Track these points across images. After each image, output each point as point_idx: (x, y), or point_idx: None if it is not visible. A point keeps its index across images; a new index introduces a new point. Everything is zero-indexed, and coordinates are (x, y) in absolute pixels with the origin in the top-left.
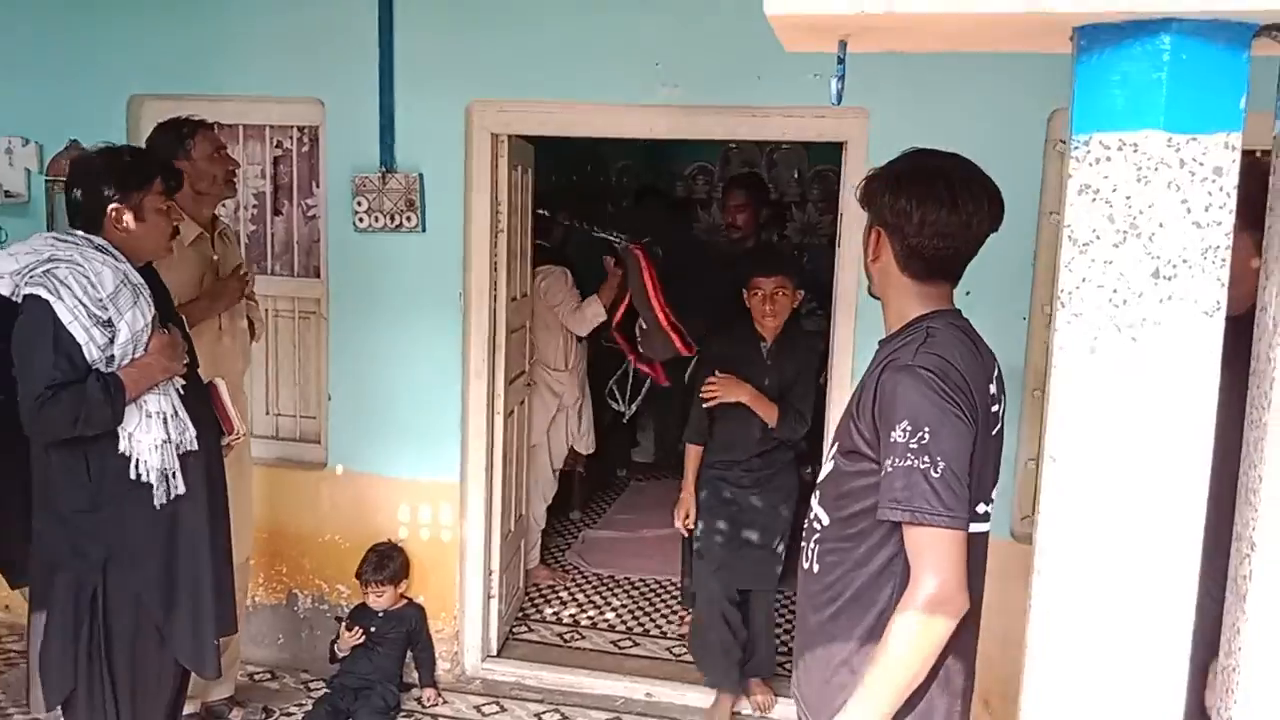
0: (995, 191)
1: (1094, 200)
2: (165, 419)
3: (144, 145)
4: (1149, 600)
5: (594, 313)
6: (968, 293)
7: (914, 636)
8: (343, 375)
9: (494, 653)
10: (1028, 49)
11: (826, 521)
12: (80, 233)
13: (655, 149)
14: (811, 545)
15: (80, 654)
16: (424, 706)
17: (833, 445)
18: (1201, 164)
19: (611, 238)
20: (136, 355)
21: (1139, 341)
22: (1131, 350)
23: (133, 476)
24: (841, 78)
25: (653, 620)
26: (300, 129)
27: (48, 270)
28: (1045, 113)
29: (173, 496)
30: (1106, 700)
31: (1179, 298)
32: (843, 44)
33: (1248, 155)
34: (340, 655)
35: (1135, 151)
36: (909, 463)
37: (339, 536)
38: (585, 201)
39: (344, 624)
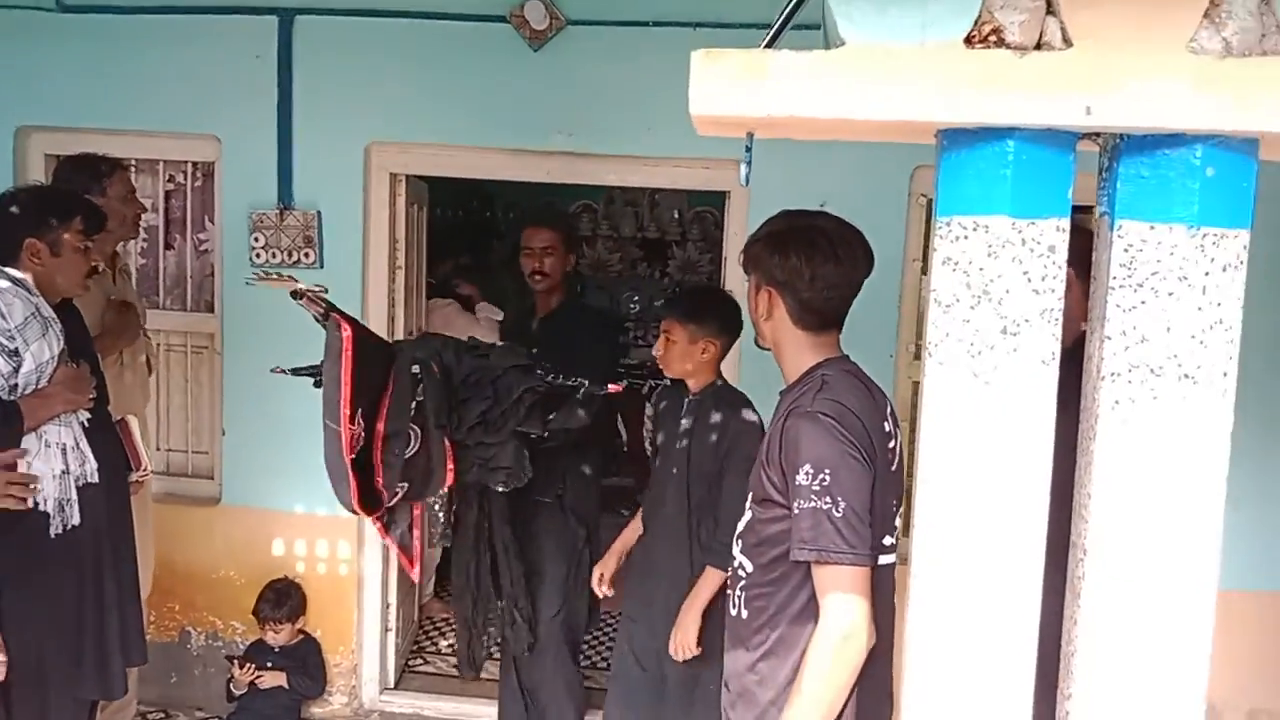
0: (866, 241)
1: (954, 270)
2: (65, 449)
3: (53, 178)
4: (1003, 597)
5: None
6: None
7: (825, 671)
8: (237, 410)
9: (391, 685)
10: (902, 140)
11: (750, 569)
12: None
13: (543, 187)
14: (738, 592)
15: None
16: None
17: (748, 494)
18: (1039, 242)
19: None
20: (40, 385)
21: (991, 384)
22: (985, 391)
23: (31, 505)
24: (749, 163)
25: None
26: (195, 164)
27: None
28: (909, 168)
29: (69, 526)
30: (973, 687)
31: (1023, 350)
32: (750, 135)
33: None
34: (237, 694)
35: (987, 232)
36: (813, 504)
37: (233, 573)
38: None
39: (238, 661)
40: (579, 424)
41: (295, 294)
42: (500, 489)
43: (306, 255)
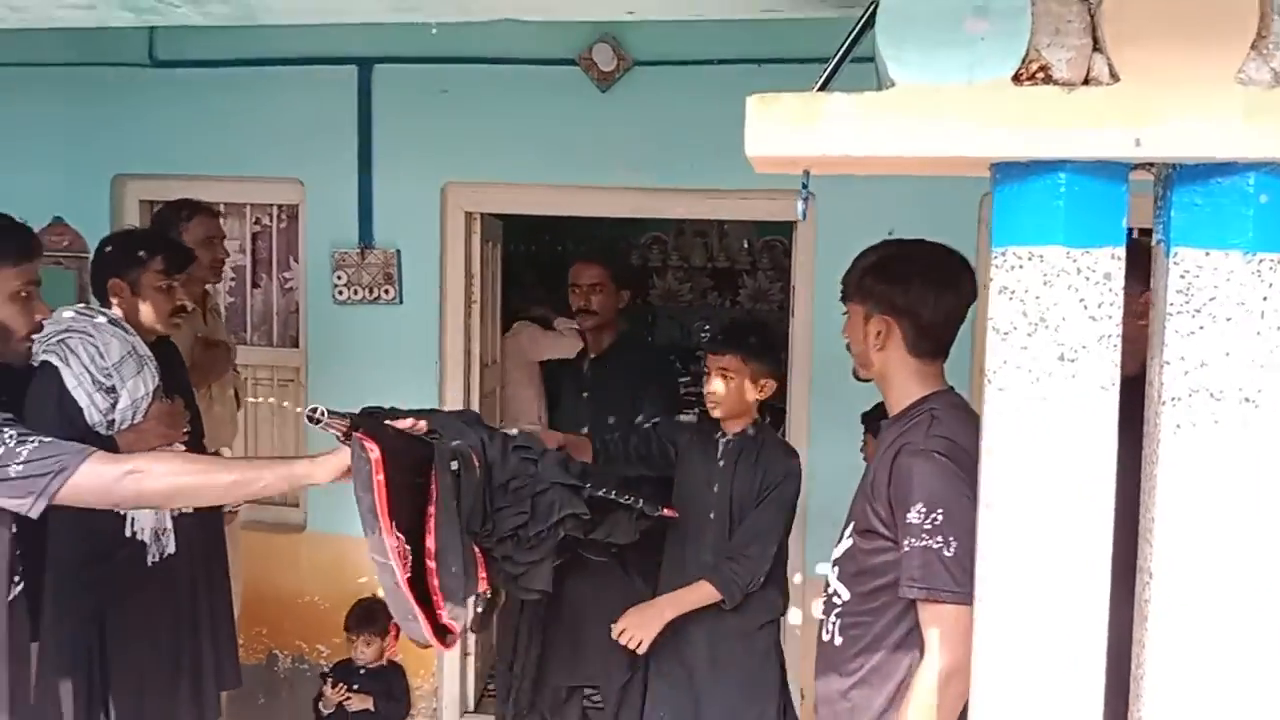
0: (971, 268)
1: (1011, 298)
2: None
3: (149, 222)
4: (1070, 621)
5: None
6: None
7: (929, 709)
8: (321, 440)
9: (471, 708)
10: (956, 174)
11: (847, 596)
12: (98, 306)
13: (613, 221)
14: (832, 619)
15: (80, 711)
16: None
17: (848, 524)
18: (1094, 270)
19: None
20: (135, 421)
21: (1051, 410)
22: (1045, 417)
23: (127, 534)
24: (806, 199)
25: None
26: (280, 207)
27: (62, 339)
28: (977, 196)
29: (164, 555)
30: (1040, 712)
31: (1081, 376)
32: (806, 172)
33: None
34: (325, 714)
35: (1042, 261)
36: (924, 543)
37: (319, 597)
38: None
39: (329, 680)
40: (627, 539)
41: (312, 418)
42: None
43: (387, 291)
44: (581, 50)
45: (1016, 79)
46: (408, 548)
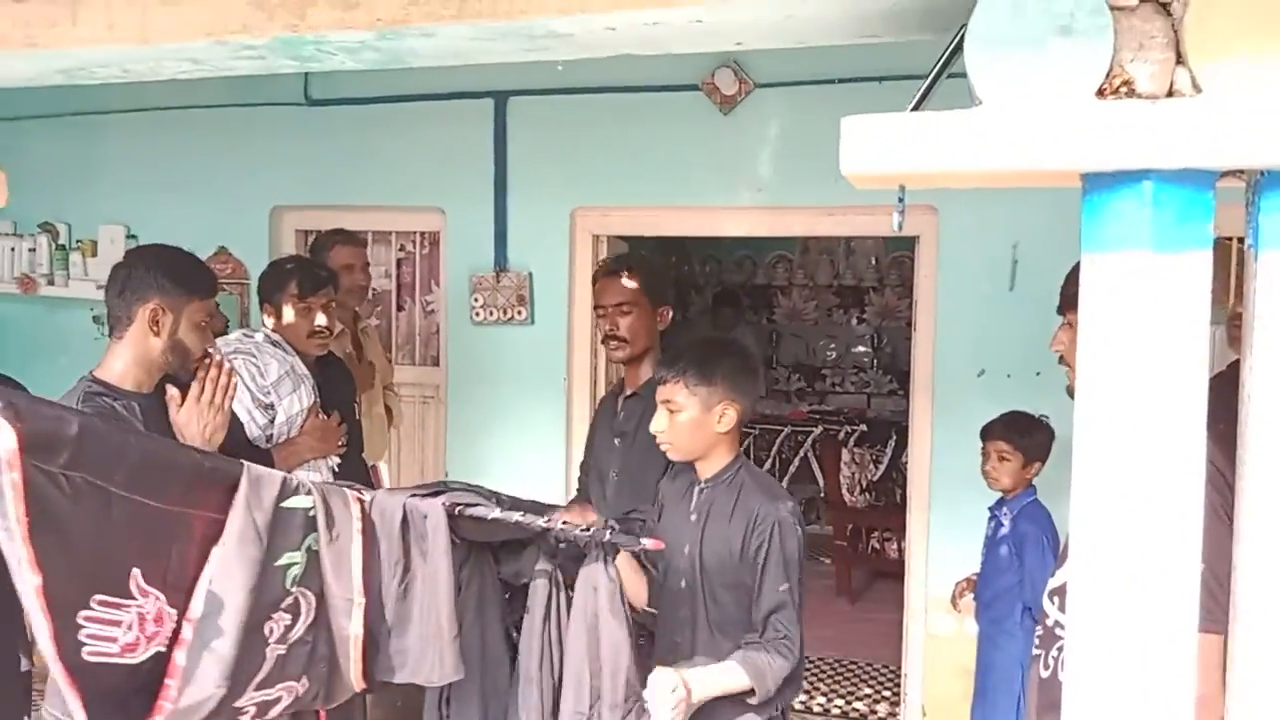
0: None
1: (1101, 302)
2: None
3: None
4: (1160, 625)
5: None
6: (1037, 373)
7: None
8: (459, 452)
9: None
10: (1046, 185)
11: None
12: (263, 329)
13: (737, 241)
14: (1053, 653)
15: None
16: None
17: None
18: (1181, 275)
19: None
20: (291, 435)
21: (1140, 412)
22: (1135, 419)
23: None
24: (902, 212)
25: None
26: (422, 234)
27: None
28: None
29: None
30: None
31: (1170, 377)
32: (902, 187)
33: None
34: None
35: (1129, 266)
36: None
37: None
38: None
39: None
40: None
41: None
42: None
43: (519, 313)
44: (704, 76)
45: (1100, 93)
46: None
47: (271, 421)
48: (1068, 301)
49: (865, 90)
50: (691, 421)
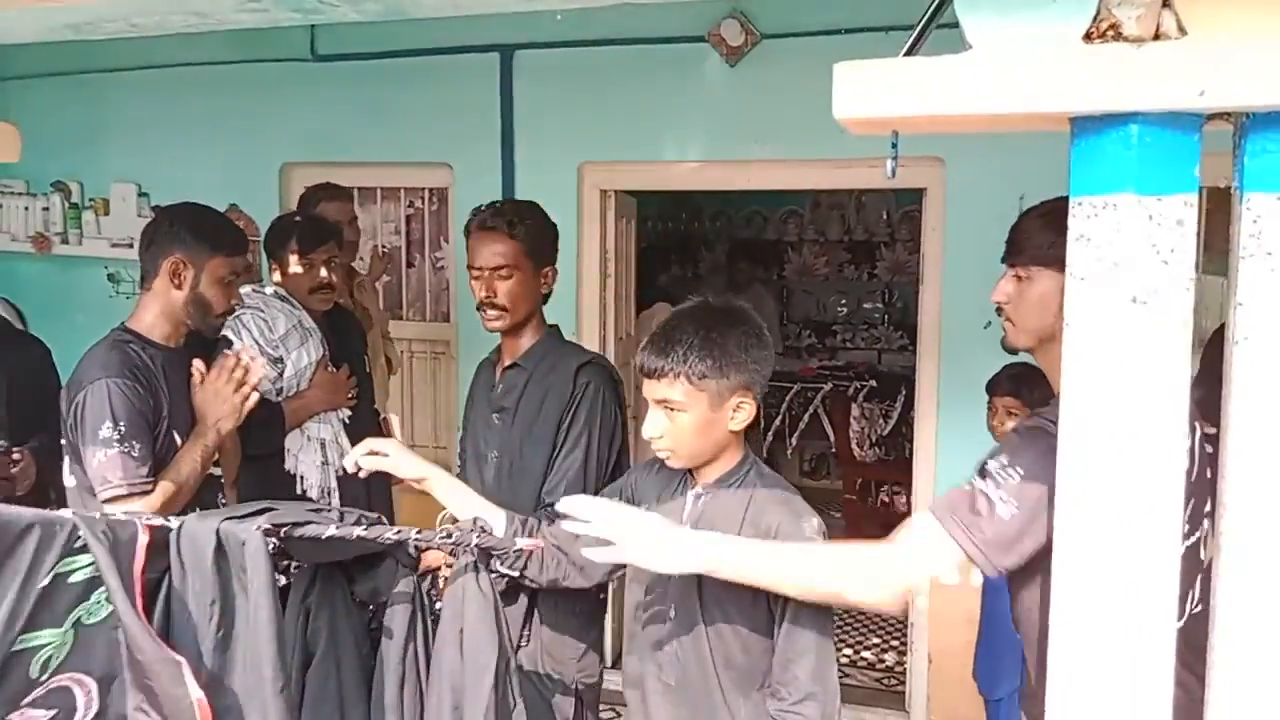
0: None
1: (1087, 245)
2: (324, 444)
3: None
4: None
5: None
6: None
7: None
8: None
9: (609, 665)
10: (1037, 129)
11: None
12: (272, 284)
13: (747, 196)
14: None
15: None
16: None
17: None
18: (1167, 217)
19: None
20: (301, 388)
21: (1123, 351)
22: (1118, 358)
23: (299, 492)
24: (895, 158)
25: None
26: (431, 190)
27: (237, 315)
28: None
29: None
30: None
31: (1153, 317)
32: (895, 132)
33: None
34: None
35: (1116, 209)
36: (978, 485)
37: None
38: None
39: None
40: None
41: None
42: None
43: None
44: (710, 27)
45: (1088, 37)
46: None
47: (281, 375)
48: (1013, 250)
49: (871, 40)
50: (699, 422)
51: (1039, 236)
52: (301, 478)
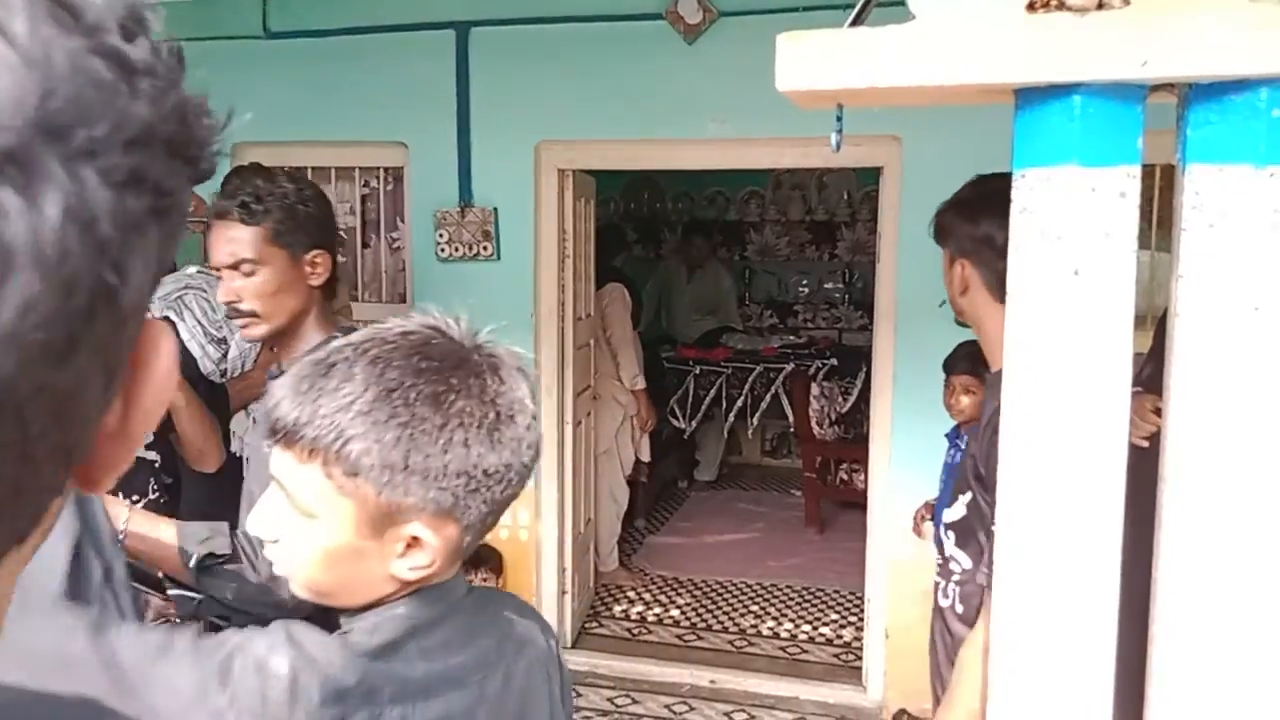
0: None
1: (1030, 218)
2: None
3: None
4: (1082, 573)
5: (634, 374)
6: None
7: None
8: None
9: (569, 644)
10: (986, 103)
11: (967, 564)
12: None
13: (708, 176)
14: (951, 585)
15: None
16: None
17: (959, 488)
18: (1109, 189)
19: None
20: (245, 369)
21: (1064, 323)
22: (1058, 330)
23: (243, 476)
24: (840, 132)
25: (715, 616)
26: (386, 170)
27: (179, 296)
28: None
29: None
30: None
31: (1093, 289)
32: (840, 106)
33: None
34: None
35: (1058, 181)
36: None
37: None
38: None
39: None
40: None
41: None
42: None
43: (485, 248)
44: (668, 4)
45: (1031, 7)
46: None
47: (224, 356)
48: (942, 234)
49: (828, 18)
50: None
51: (949, 224)
52: (247, 460)
